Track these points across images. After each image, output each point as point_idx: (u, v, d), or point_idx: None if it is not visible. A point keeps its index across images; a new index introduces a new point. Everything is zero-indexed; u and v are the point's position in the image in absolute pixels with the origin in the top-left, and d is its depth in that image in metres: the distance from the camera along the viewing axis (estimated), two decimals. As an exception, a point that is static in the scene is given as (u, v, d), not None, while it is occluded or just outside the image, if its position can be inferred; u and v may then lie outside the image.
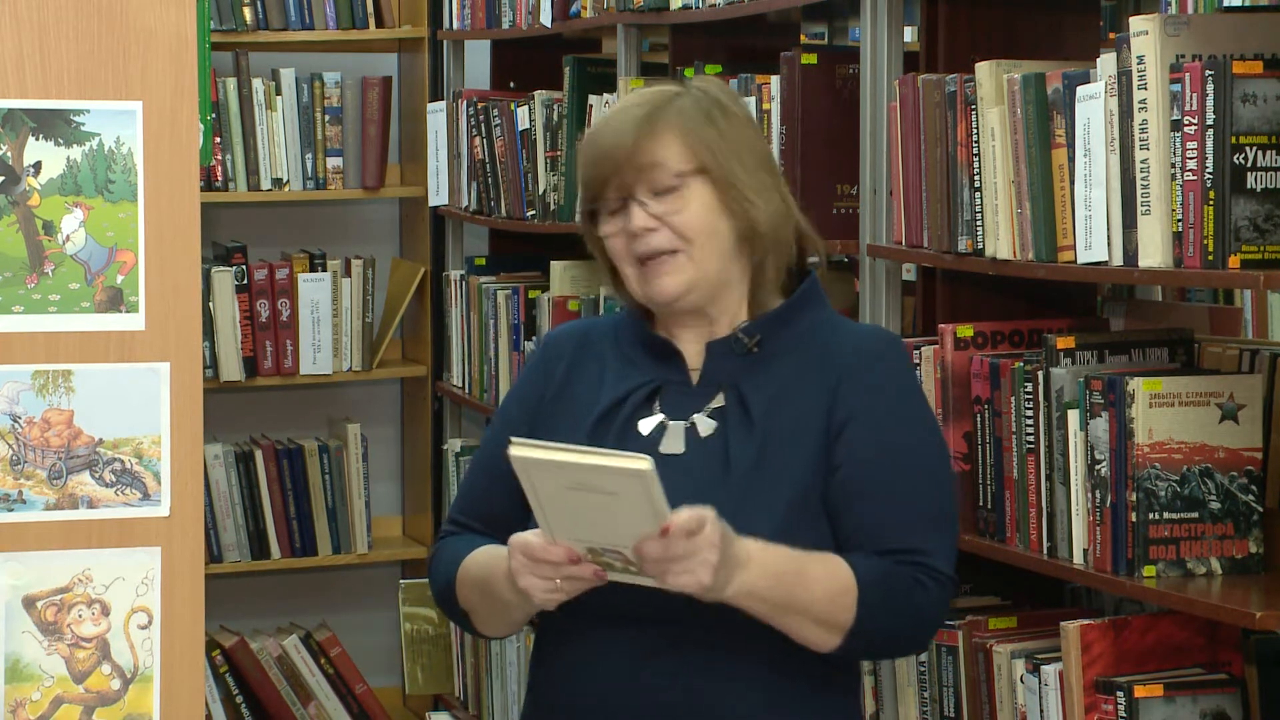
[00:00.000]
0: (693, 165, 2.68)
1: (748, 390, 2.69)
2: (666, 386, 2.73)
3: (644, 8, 4.52)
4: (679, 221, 2.68)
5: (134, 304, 2.53)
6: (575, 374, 2.78)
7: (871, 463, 2.66)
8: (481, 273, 5.65)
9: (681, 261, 2.69)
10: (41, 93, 2.50)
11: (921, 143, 3.54)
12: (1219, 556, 3.15)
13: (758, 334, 2.72)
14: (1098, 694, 3.14)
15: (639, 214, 2.68)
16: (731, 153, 2.70)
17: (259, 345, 5.78)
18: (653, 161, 2.68)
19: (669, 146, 2.68)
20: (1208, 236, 2.92)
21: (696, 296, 2.71)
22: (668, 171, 2.68)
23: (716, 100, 2.73)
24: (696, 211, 2.68)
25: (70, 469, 2.52)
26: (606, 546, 2.52)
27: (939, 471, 2.74)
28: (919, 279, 3.78)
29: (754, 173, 2.71)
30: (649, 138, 2.68)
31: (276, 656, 5.85)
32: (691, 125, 2.69)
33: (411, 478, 6.16)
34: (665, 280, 2.69)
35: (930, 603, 2.66)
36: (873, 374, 2.70)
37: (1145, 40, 3.00)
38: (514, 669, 5.31)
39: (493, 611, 2.73)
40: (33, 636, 2.51)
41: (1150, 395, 3.12)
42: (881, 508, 2.66)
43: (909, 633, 2.70)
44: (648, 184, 2.68)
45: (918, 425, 2.72)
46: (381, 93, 5.91)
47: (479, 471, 2.85)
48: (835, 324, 2.77)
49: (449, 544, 2.81)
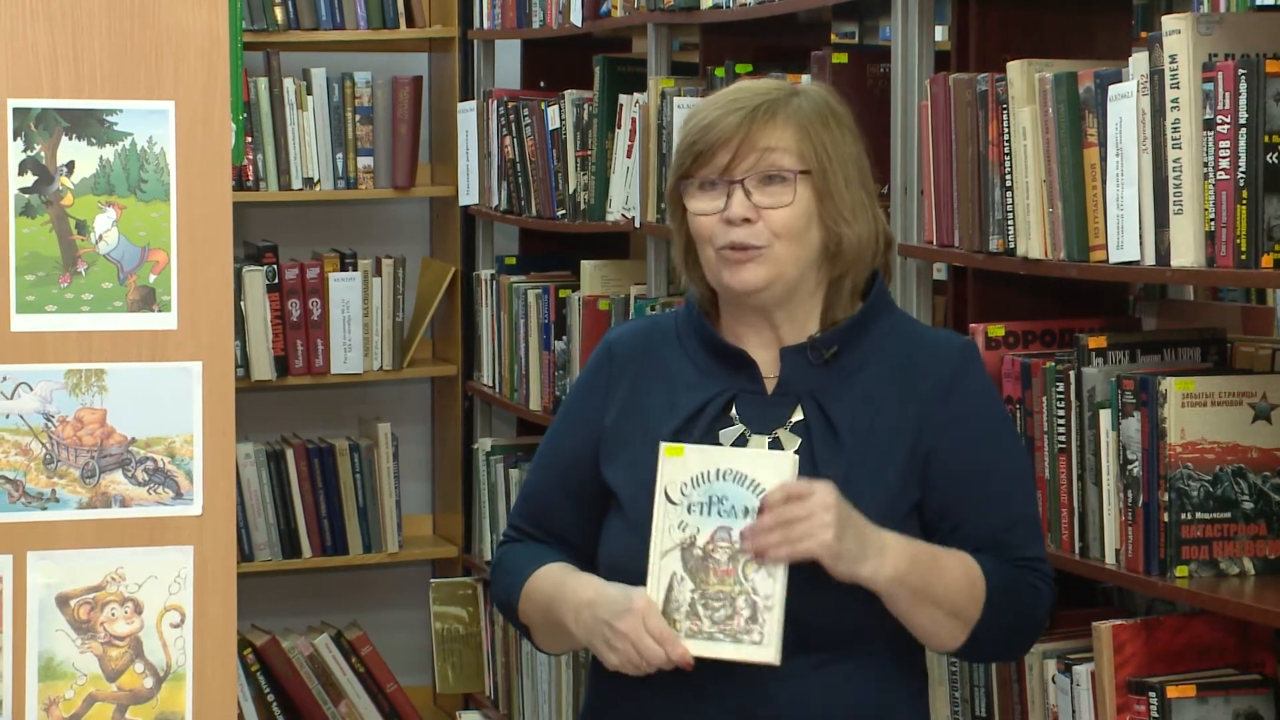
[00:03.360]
0: (804, 165, 2.63)
1: (828, 403, 2.65)
2: (741, 396, 2.68)
3: (675, 7, 4.52)
4: (776, 217, 2.62)
5: (166, 303, 2.54)
6: (643, 379, 2.74)
7: (978, 478, 2.66)
8: (512, 272, 5.65)
9: (766, 255, 2.63)
10: (74, 93, 2.51)
11: (953, 142, 3.54)
12: (1252, 556, 3.14)
13: (835, 344, 2.68)
14: (1130, 694, 3.13)
15: (740, 201, 2.62)
16: (839, 164, 2.65)
17: (290, 344, 5.79)
18: (768, 146, 2.62)
19: (787, 136, 2.63)
20: (1240, 236, 2.91)
21: (771, 294, 2.66)
22: (782, 158, 2.62)
23: (832, 107, 2.69)
24: (795, 212, 2.63)
25: (103, 468, 2.53)
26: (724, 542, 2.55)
27: (1028, 473, 2.78)
28: (950, 278, 3.77)
29: (854, 189, 2.67)
30: (769, 123, 2.63)
31: (308, 655, 5.86)
32: (809, 124, 2.64)
33: (442, 477, 6.17)
34: (748, 271, 2.64)
35: (1042, 605, 2.70)
36: (962, 387, 2.68)
37: (1177, 39, 2.99)
38: (544, 669, 5.31)
39: (553, 634, 2.72)
40: (66, 635, 2.52)
41: (1183, 395, 3.11)
42: (996, 521, 2.66)
43: (1025, 634, 2.72)
44: (758, 169, 2.63)
45: (1008, 431, 2.75)
46: (412, 92, 5.92)
47: (541, 475, 2.81)
48: (909, 331, 2.75)
49: (511, 553, 2.78)
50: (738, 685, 2.61)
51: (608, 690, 2.72)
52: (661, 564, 2.57)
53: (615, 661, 2.57)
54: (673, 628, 2.55)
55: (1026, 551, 2.68)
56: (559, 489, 2.75)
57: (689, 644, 2.55)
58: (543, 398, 5.31)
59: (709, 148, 2.63)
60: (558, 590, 2.67)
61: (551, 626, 2.70)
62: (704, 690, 2.62)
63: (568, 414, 2.81)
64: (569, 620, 2.63)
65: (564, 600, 2.65)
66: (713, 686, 2.61)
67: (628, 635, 2.55)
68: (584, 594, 2.63)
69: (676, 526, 2.57)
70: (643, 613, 2.55)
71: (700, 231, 2.66)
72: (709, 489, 2.57)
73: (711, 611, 2.56)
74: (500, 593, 2.79)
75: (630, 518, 2.65)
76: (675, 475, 2.59)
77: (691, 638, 2.56)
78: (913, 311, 3.69)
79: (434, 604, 5.80)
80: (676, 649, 2.55)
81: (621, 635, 2.56)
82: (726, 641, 2.54)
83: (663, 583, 2.57)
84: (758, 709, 2.61)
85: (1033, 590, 2.68)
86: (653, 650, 2.55)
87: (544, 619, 2.71)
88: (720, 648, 2.55)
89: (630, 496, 2.66)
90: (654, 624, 2.55)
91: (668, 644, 2.55)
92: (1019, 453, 2.76)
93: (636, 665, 2.56)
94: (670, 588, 2.57)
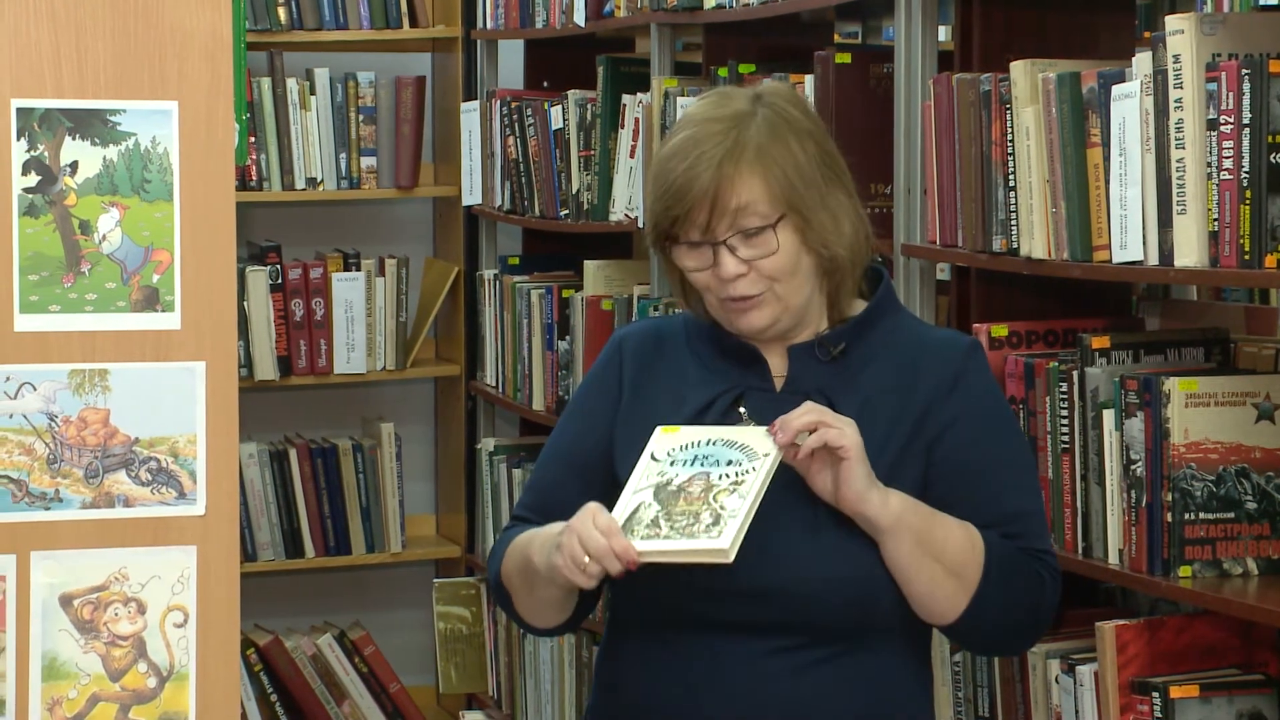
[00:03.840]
0: (778, 212, 2.63)
1: (836, 400, 2.66)
2: (750, 393, 2.69)
3: (678, 7, 4.52)
4: (766, 265, 2.64)
5: (170, 303, 2.54)
6: (651, 377, 2.75)
7: (980, 473, 2.67)
8: (515, 272, 5.65)
9: (767, 298, 2.66)
10: (78, 93, 2.51)
11: (956, 142, 3.54)
12: (1255, 557, 3.14)
13: (842, 341, 2.70)
14: (1133, 694, 3.13)
15: (728, 259, 2.63)
16: (810, 184, 2.64)
17: (293, 344, 5.79)
18: (739, 205, 2.62)
19: (754, 188, 2.62)
20: (1244, 236, 2.91)
21: (781, 327, 2.69)
22: (755, 214, 2.63)
23: (786, 117, 2.67)
24: (783, 257, 2.64)
25: (106, 468, 2.53)
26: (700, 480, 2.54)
27: (1033, 469, 2.80)
28: (953, 278, 3.77)
29: (831, 196, 2.66)
30: (735, 178, 2.62)
31: (311, 655, 5.87)
32: (770, 162, 2.62)
33: (445, 477, 6.17)
34: (753, 315, 2.66)
35: (1048, 597, 2.69)
36: (965, 384, 2.69)
37: (1181, 39, 2.99)
38: (547, 668, 5.31)
39: (526, 586, 2.69)
40: (69, 635, 2.52)
41: (1186, 395, 3.11)
42: (995, 515, 2.66)
43: (1028, 622, 2.71)
44: (736, 227, 2.63)
45: (1011, 428, 2.75)
46: (415, 92, 5.92)
47: (549, 467, 2.80)
48: (915, 329, 2.76)
49: (507, 536, 2.79)
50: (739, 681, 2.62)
51: (614, 683, 2.73)
52: (631, 498, 2.56)
53: (559, 562, 2.54)
54: (630, 535, 2.51)
55: (1032, 545, 2.69)
56: (568, 481, 2.75)
57: (640, 544, 2.51)
58: (546, 398, 5.31)
59: (685, 212, 2.64)
60: (531, 538, 2.67)
61: (527, 580, 2.68)
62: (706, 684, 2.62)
63: (577, 409, 2.81)
64: (535, 556, 2.62)
65: (534, 545, 2.64)
66: (716, 679, 2.62)
67: (573, 528, 2.54)
68: (553, 530, 2.62)
69: (655, 474, 2.57)
70: (592, 511, 2.54)
71: (698, 283, 2.69)
72: (696, 450, 2.58)
73: (673, 521, 2.54)
74: (491, 570, 2.79)
75: None
76: (665, 444, 2.59)
77: (646, 540, 2.51)
78: (916, 311, 3.69)
79: (437, 604, 5.80)
80: (619, 540, 2.50)
81: (568, 531, 2.54)
82: (680, 538, 2.50)
83: (628, 509, 2.55)
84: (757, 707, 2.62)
85: (1036, 577, 2.68)
86: (594, 539, 2.51)
87: (521, 577, 2.70)
88: (672, 544, 2.50)
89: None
90: (602, 520, 2.53)
91: (612, 535, 2.51)
92: (1023, 449, 2.76)
93: (578, 560, 2.52)
94: (635, 510, 2.55)
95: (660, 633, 2.67)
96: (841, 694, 2.64)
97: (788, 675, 2.62)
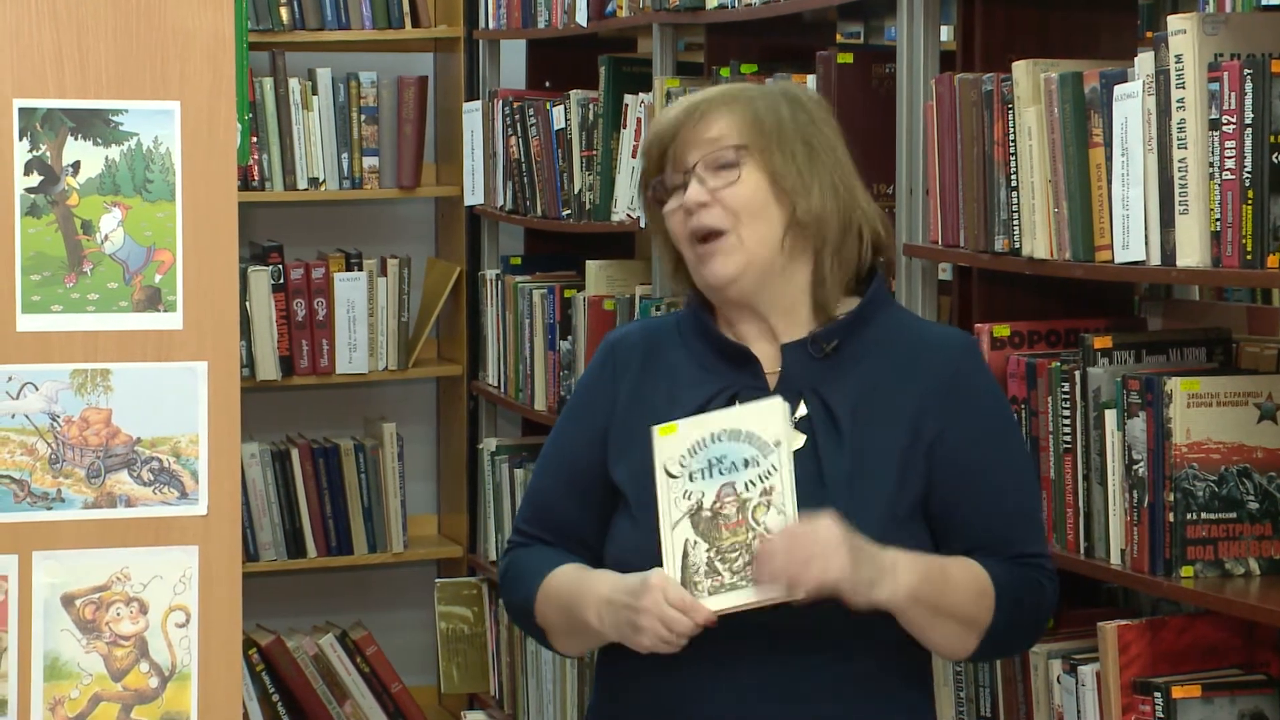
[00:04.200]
0: (745, 141, 2.68)
1: (830, 398, 2.66)
2: (744, 392, 2.69)
3: (680, 7, 4.52)
4: (729, 195, 2.67)
5: (172, 303, 2.54)
6: (646, 378, 2.75)
7: (979, 473, 2.67)
8: (517, 272, 5.65)
9: (732, 243, 2.67)
10: (80, 93, 2.51)
11: (958, 142, 3.54)
12: (1257, 557, 3.14)
13: (835, 338, 2.70)
14: (1135, 694, 3.13)
15: (695, 187, 2.68)
16: (789, 140, 2.69)
17: (295, 344, 5.79)
18: (710, 136, 2.69)
19: (728, 123, 2.70)
20: (1246, 236, 2.91)
21: (746, 283, 2.69)
22: (723, 144, 2.68)
23: (788, 93, 2.76)
24: (747, 190, 2.68)
25: (108, 468, 2.53)
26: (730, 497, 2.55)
27: (1030, 469, 2.79)
28: (955, 278, 3.77)
29: (811, 164, 2.70)
30: (711, 113, 2.70)
31: (312, 655, 5.87)
32: (754, 109, 2.70)
33: (447, 477, 6.17)
34: (717, 263, 2.68)
35: (1047, 601, 2.70)
36: (963, 383, 2.69)
37: (1183, 39, 2.99)
38: (549, 668, 5.31)
39: (574, 633, 2.71)
40: (71, 635, 2.52)
41: (1188, 395, 3.11)
42: (996, 517, 2.67)
43: (1032, 632, 2.74)
44: (705, 158, 2.69)
45: (1010, 427, 2.75)
46: (417, 92, 5.92)
47: (547, 477, 2.81)
48: (910, 325, 2.76)
49: (521, 557, 2.78)
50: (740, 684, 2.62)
51: (614, 684, 2.73)
52: (673, 536, 2.58)
53: (647, 643, 2.57)
54: (695, 590, 2.55)
55: (1028, 547, 2.68)
56: (565, 489, 2.76)
57: (711, 601, 2.55)
58: (548, 398, 5.31)
59: (663, 147, 2.72)
60: (576, 589, 2.67)
61: (573, 628, 2.70)
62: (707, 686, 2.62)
63: (572, 414, 2.81)
64: (592, 619, 2.64)
65: (583, 599, 2.65)
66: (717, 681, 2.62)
67: (651, 612, 2.56)
68: (601, 590, 2.63)
69: (682, 497, 2.58)
70: (660, 587, 2.56)
71: (675, 233, 2.72)
72: (706, 454, 2.58)
73: (730, 564, 2.56)
74: (515, 599, 2.78)
75: (637, 516, 2.65)
76: (671, 451, 2.59)
77: (715, 594, 2.55)
78: (918, 311, 3.69)
79: (439, 604, 5.80)
80: (700, 613, 2.55)
81: (645, 614, 2.56)
82: (747, 588, 2.54)
83: (677, 554, 2.57)
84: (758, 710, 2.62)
85: (1038, 588, 2.69)
86: (678, 620, 2.55)
87: (564, 621, 2.71)
88: (740, 596, 2.54)
89: (636, 495, 2.66)
90: (674, 595, 2.55)
91: (691, 611, 2.55)
92: (1021, 449, 2.76)
93: (667, 640, 2.56)
94: (685, 554, 2.57)
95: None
96: (843, 697, 2.64)
97: (789, 678, 2.62)
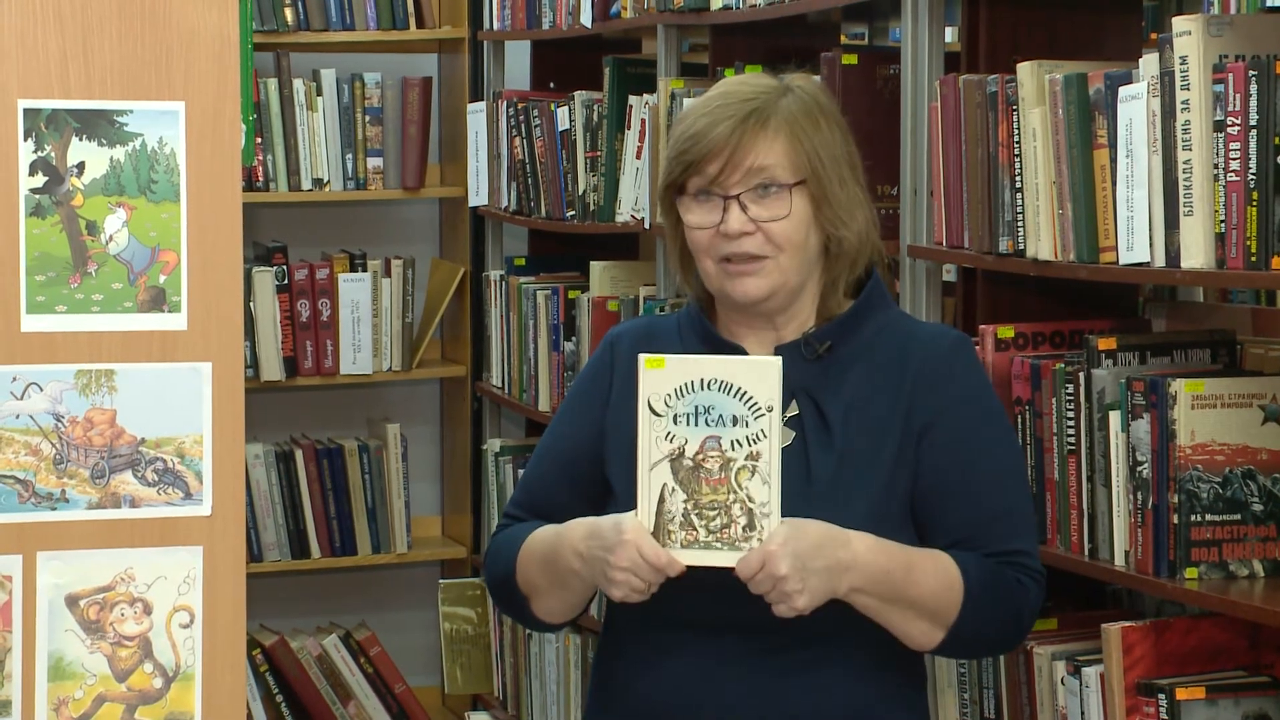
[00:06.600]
0: (798, 175, 2.63)
1: (822, 398, 2.67)
2: None
3: (684, 8, 4.52)
4: (776, 230, 2.63)
5: (176, 304, 2.54)
6: None
7: (961, 468, 2.66)
8: (521, 273, 5.65)
9: (769, 267, 2.65)
10: (85, 93, 2.51)
11: (962, 143, 3.53)
12: (1261, 559, 3.14)
13: (828, 339, 2.69)
14: (1139, 696, 3.13)
15: (737, 215, 2.63)
16: (832, 165, 2.65)
17: (299, 345, 5.80)
18: (760, 165, 2.62)
19: (778, 151, 2.63)
20: (1250, 237, 2.90)
21: (775, 303, 2.68)
22: (774, 177, 2.63)
23: (820, 104, 2.68)
24: (794, 224, 2.64)
25: (113, 468, 2.53)
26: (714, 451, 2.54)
27: (1020, 468, 2.77)
28: (959, 280, 3.77)
29: (848, 187, 2.67)
30: (759, 136, 2.63)
31: (316, 656, 5.87)
32: (799, 131, 2.64)
33: (451, 478, 6.17)
34: (750, 282, 2.65)
35: (1028, 602, 2.69)
36: (949, 378, 2.69)
37: (1188, 40, 2.99)
38: (553, 669, 5.32)
39: (554, 587, 2.71)
40: (75, 635, 2.52)
41: (1192, 397, 3.11)
42: (978, 513, 2.67)
43: (1009, 632, 2.72)
44: (749, 184, 2.63)
45: (998, 425, 2.73)
46: (422, 93, 5.92)
47: (540, 465, 2.83)
48: (903, 325, 2.76)
49: (508, 532, 2.80)
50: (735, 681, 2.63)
51: (611, 684, 2.74)
52: (650, 477, 2.57)
53: (619, 595, 2.58)
54: (667, 539, 2.55)
55: (1010, 544, 2.67)
56: (560, 479, 2.77)
57: (684, 554, 2.55)
58: (552, 398, 5.31)
59: (699, 158, 2.64)
60: (555, 539, 2.68)
61: (556, 580, 2.69)
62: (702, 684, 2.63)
63: (570, 407, 2.82)
64: (575, 564, 2.64)
65: (563, 546, 2.66)
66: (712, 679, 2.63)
67: (624, 567, 2.56)
68: (579, 532, 2.64)
69: (664, 438, 2.56)
70: (635, 541, 2.55)
71: (698, 243, 2.68)
72: (694, 399, 2.56)
73: (706, 521, 2.56)
74: (496, 570, 2.78)
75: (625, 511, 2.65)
76: (658, 387, 2.57)
77: (687, 548, 2.55)
78: (922, 313, 3.69)
79: (443, 604, 5.80)
80: (673, 568, 2.55)
81: (617, 568, 2.56)
82: (724, 550, 2.54)
83: (653, 497, 2.56)
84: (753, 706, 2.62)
85: (1017, 586, 2.67)
86: (651, 575, 2.55)
87: (547, 576, 2.70)
88: (716, 556, 2.54)
89: (625, 489, 2.66)
90: (648, 549, 2.55)
91: (664, 566, 2.55)
92: (1009, 447, 2.75)
93: (639, 590, 2.57)
94: (662, 499, 2.56)
95: (657, 633, 2.68)
96: (838, 693, 2.64)
97: (784, 674, 2.62)
